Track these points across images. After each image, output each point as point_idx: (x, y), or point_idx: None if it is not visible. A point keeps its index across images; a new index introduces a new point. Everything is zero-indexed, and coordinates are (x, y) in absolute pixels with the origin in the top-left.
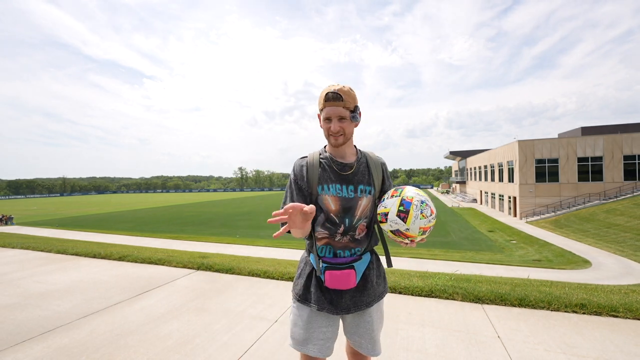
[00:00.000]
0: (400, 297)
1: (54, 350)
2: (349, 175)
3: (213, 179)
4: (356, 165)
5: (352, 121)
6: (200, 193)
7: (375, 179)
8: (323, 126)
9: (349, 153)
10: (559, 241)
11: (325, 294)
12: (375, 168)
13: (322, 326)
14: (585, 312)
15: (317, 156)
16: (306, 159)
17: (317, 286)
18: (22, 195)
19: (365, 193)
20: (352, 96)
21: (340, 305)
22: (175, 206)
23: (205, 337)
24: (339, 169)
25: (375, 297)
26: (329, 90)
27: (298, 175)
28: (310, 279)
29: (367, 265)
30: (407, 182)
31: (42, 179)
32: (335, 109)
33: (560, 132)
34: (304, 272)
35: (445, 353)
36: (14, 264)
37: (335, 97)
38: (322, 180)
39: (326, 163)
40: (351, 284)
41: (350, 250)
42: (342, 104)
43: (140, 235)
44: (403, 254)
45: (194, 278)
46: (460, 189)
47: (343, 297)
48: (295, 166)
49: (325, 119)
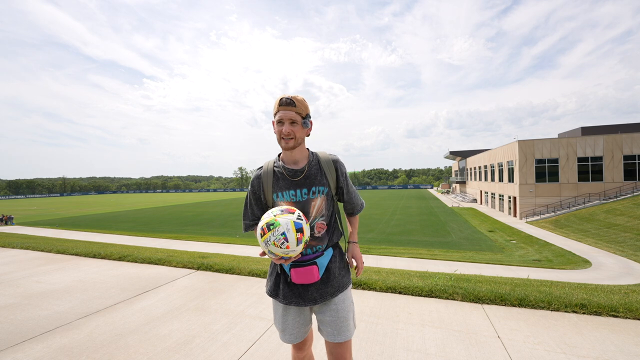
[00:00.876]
0: (400, 297)
1: (54, 350)
2: (301, 180)
3: (213, 179)
4: (307, 169)
5: (303, 127)
6: (200, 193)
7: (329, 178)
8: (275, 130)
9: (300, 158)
10: (559, 241)
11: (292, 289)
12: (327, 167)
13: (295, 317)
14: (585, 312)
15: (271, 165)
16: (261, 171)
17: (285, 282)
18: (22, 195)
19: (318, 193)
20: (305, 105)
21: (307, 298)
22: (175, 206)
23: (205, 337)
24: (290, 175)
25: (340, 287)
26: (283, 96)
27: (255, 186)
28: (279, 276)
29: (330, 259)
30: (407, 182)
31: (42, 179)
32: (288, 113)
33: (560, 132)
34: (274, 270)
35: (445, 353)
36: (14, 264)
37: (288, 102)
38: (277, 188)
39: (279, 171)
40: (315, 278)
41: (312, 248)
42: (295, 109)
43: (140, 235)
44: (403, 254)
45: (194, 278)
46: (460, 189)
47: (309, 290)
48: (253, 178)
49: (278, 122)
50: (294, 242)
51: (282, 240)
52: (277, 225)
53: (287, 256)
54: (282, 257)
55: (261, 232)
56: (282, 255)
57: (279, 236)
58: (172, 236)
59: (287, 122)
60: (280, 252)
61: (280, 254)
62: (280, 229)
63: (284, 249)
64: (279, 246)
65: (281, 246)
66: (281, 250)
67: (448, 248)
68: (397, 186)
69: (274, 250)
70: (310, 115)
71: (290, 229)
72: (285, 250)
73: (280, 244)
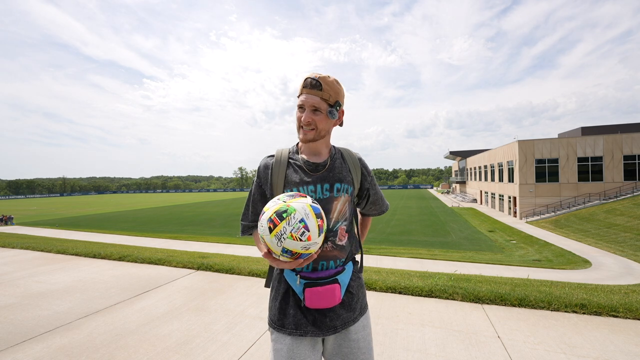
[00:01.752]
0: (400, 297)
1: (54, 350)
2: (323, 174)
3: (213, 179)
4: (330, 162)
5: (329, 117)
6: (200, 193)
7: (353, 176)
8: (296, 115)
9: (323, 151)
10: (559, 241)
11: (306, 315)
12: (352, 163)
13: (308, 352)
14: (585, 312)
15: (285, 155)
16: (272, 159)
17: (296, 307)
18: (22, 195)
19: (342, 192)
20: (336, 90)
21: (326, 325)
22: (175, 206)
23: (205, 337)
24: (310, 169)
25: (362, 310)
26: (309, 76)
27: (262, 177)
28: (287, 299)
29: (351, 276)
30: (407, 182)
31: (42, 179)
32: (311, 98)
33: (560, 132)
34: (279, 292)
35: (445, 353)
36: (14, 264)
37: (313, 85)
38: (290, 183)
39: (295, 164)
40: (336, 300)
41: (335, 261)
42: (321, 93)
43: (140, 235)
44: (403, 254)
45: (194, 278)
46: (460, 189)
47: (327, 315)
48: (260, 167)
49: (298, 107)
50: (316, 230)
51: (302, 229)
52: (291, 212)
53: (307, 252)
54: (302, 255)
55: (270, 226)
56: (302, 251)
57: (297, 224)
58: (172, 236)
59: (308, 109)
60: (300, 246)
61: (300, 250)
62: (296, 215)
63: (305, 241)
64: (298, 238)
65: (301, 237)
66: (301, 244)
67: (448, 248)
68: (397, 186)
69: (292, 245)
70: (341, 103)
71: (310, 214)
72: (306, 242)
73: (299, 234)
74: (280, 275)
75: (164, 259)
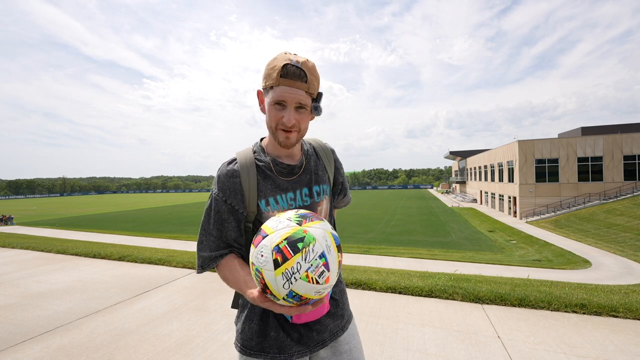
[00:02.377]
0: (400, 297)
1: (54, 350)
2: (299, 177)
3: (213, 179)
4: (305, 162)
5: (312, 113)
6: (200, 193)
7: (329, 172)
8: (270, 113)
9: (297, 150)
10: (559, 241)
11: (290, 333)
12: (326, 158)
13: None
14: (585, 312)
15: (250, 158)
16: (236, 164)
17: (278, 327)
18: (22, 195)
19: (322, 194)
20: (318, 78)
21: (313, 341)
22: (175, 206)
23: (205, 337)
24: (285, 173)
25: (349, 316)
26: (288, 61)
27: (228, 189)
28: (266, 319)
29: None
30: (407, 182)
31: (42, 179)
32: (295, 93)
33: (560, 132)
34: (254, 312)
35: (445, 353)
36: (14, 264)
37: (297, 74)
38: (265, 192)
39: (266, 167)
40: (325, 309)
41: None
42: (306, 86)
43: (140, 235)
44: (403, 254)
45: (194, 278)
46: (460, 189)
47: (313, 328)
48: (221, 176)
49: (276, 103)
50: (336, 270)
51: (322, 267)
52: (309, 242)
53: (320, 296)
54: (310, 301)
55: (277, 258)
56: (314, 296)
57: (316, 261)
58: (172, 236)
59: (291, 106)
60: (315, 290)
61: (312, 295)
62: (316, 247)
63: (322, 284)
64: (314, 280)
65: (319, 279)
66: (316, 288)
67: (448, 248)
68: (397, 186)
69: (304, 289)
70: (322, 93)
71: (331, 247)
72: (323, 286)
73: (317, 275)
74: None
75: (164, 259)
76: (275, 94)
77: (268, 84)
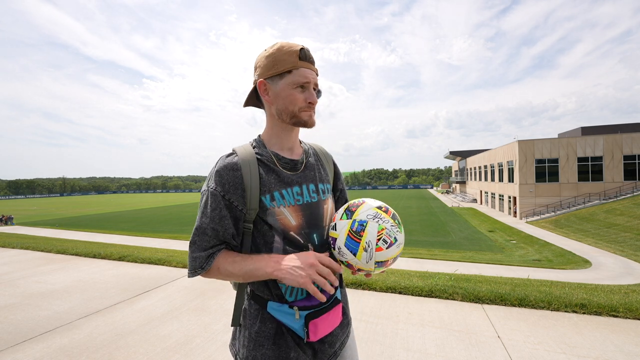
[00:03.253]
0: (400, 297)
1: (54, 350)
2: (303, 173)
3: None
4: (305, 159)
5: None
6: (200, 193)
7: (329, 174)
8: (291, 97)
9: (297, 145)
10: (559, 241)
11: (306, 351)
12: (327, 162)
13: None
14: (585, 312)
15: (250, 151)
16: (236, 157)
17: (296, 348)
18: (22, 195)
19: (327, 193)
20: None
21: (327, 354)
22: (175, 206)
23: (205, 337)
24: (288, 167)
25: (350, 321)
26: (302, 46)
27: (228, 183)
28: (281, 342)
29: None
30: (407, 182)
31: (42, 179)
32: (312, 75)
33: (560, 132)
34: (264, 335)
35: (445, 353)
36: (14, 264)
37: (311, 58)
38: (269, 186)
39: (268, 161)
40: (338, 321)
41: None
42: (316, 69)
43: (140, 235)
44: (403, 254)
45: (194, 278)
46: (460, 189)
47: (325, 341)
48: (220, 170)
49: (300, 86)
50: (399, 232)
51: (387, 233)
52: (366, 220)
53: (392, 257)
54: (382, 265)
55: (351, 244)
56: (389, 258)
57: (379, 231)
58: (172, 236)
59: (311, 87)
60: (388, 254)
61: (389, 258)
62: (375, 221)
63: (396, 244)
64: (384, 248)
65: (390, 244)
66: (387, 251)
67: (448, 248)
68: (397, 186)
69: (380, 256)
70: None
71: (385, 220)
72: (396, 245)
73: (388, 242)
74: (261, 313)
75: (164, 259)
76: (299, 76)
77: (285, 68)
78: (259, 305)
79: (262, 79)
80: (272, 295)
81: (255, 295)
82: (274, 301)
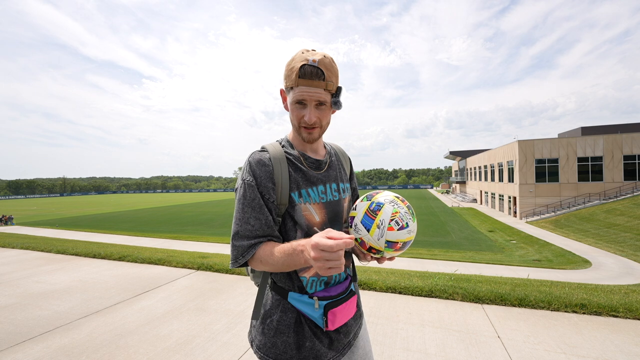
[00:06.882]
0: (400, 297)
1: (54, 350)
2: (327, 172)
3: (213, 179)
4: (329, 159)
5: (333, 108)
6: (200, 193)
7: (347, 174)
8: (292, 112)
9: (321, 147)
10: (559, 241)
11: (322, 340)
12: (344, 160)
13: None
14: (585, 312)
15: (280, 150)
16: (266, 153)
17: (311, 335)
18: (22, 195)
19: (346, 192)
20: (336, 72)
21: (342, 344)
22: (175, 206)
23: (205, 337)
24: (314, 167)
25: (362, 313)
26: (305, 61)
27: (260, 176)
28: (299, 329)
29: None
30: (407, 182)
31: (42, 179)
32: (314, 91)
33: (560, 132)
34: (285, 324)
35: (445, 353)
36: (14, 264)
37: (314, 73)
38: (297, 184)
39: (296, 160)
40: (353, 311)
41: (345, 270)
42: (324, 84)
43: (140, 235)
44: (403, 254)
45: (194, 278)
46: (460, 189)
47: (341, 331)
48: (251, 163)
49: (297, 103)
50: (411, 220)
51: (400, 217)
52: (383, 202)
53: (403, 240)
54: (391, 247)
55: (367, 221)
56: (399, 241)
57: (394, 213)
58: (172, 236)
59: (311, 105)
60: (399, 236)
61: (400, 240)
62: (391, 204)
63: (407, 230)
64: (395, 229)
65: (402, 228)
66: (399, 232)
67: (448, 248)
68: (397, 186)
69: (392, 235)
70: (341, 87)
71: (400, 207)
72: (407, 230)
73: (399, 225)
74: (282, 303)
75: (164, 259)
76: (296, 94)
77: (288, 85)
78: (279, 296)
79: (282, 88)
80: (294, 287)
81: (276, 286)
82: (295, 292)
